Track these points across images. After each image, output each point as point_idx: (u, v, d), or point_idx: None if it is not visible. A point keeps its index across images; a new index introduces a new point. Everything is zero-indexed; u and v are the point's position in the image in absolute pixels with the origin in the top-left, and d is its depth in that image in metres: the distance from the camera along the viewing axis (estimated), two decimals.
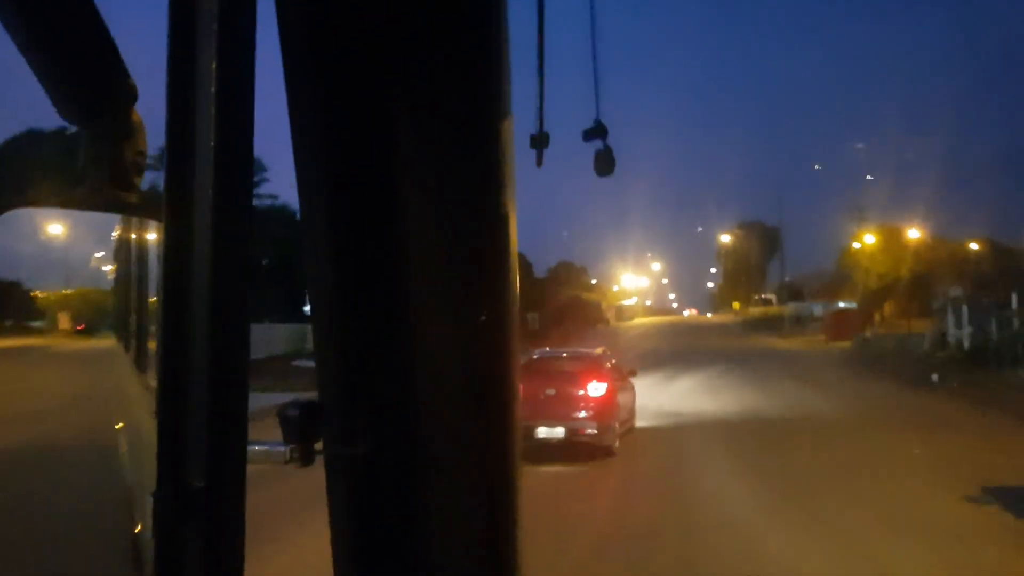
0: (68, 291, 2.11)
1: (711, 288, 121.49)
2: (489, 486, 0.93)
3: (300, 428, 0.83)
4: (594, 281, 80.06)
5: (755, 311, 79.44)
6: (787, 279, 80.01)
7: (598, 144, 1.30)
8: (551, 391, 10.57)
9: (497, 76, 0.88)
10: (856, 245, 48.76)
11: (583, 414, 10.42)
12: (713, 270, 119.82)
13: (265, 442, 0.84)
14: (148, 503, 0.66)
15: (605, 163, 1.31)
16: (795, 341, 43.94)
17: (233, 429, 0.65)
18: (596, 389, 10.73)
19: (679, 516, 7.74)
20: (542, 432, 10.04)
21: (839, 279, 55.37)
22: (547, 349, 13.90)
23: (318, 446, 0.86)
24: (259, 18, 0.69)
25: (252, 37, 0.68)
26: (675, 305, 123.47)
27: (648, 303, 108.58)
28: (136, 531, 1.23)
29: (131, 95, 0.80)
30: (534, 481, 8.63)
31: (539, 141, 1.22)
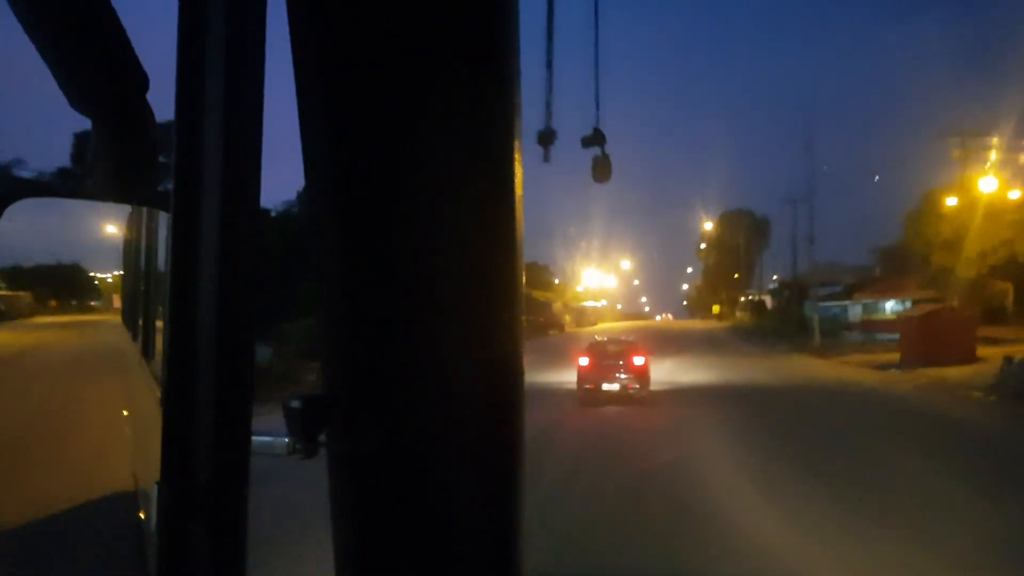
0: (121, 273, 2.22)
1: (687, 290, 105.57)
2: (493, 482, 0.93)
3: (303, 421, 0.84)
4: (557, 281, 70.97)
5: (744, 316, 64.24)
6: (775, 275, 62.18)
7: (596, 151, 1.31)
8: (610, 362, 16.38)
9: (506, 74, 0.88)
10: (950, 202, 29.46)
11: (630, 376, 16.11)
12: (690, 269, 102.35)
13: (269, 434, 0.84)
14: (152, 493, 0.67)
15: (603, 170, 1.32)
16: (846, 365, 25.43)
17: (238, 423, 0.65)
18: (639, 360, 16.36)
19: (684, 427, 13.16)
20: (605, 387, 15.96)
21: (894, 267, 38.50)
22: (602, 338, 19.70)
23: (321, 439, 0.87)
24: (269, 15, 0.69)
25: (262, 33, 0.68)
26: (647, 309, 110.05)
27: (619, 307, 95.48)
28: (140, 520, 1.24)
29: (142, 86, 0.80)
30: (603, 413, 14.98)
31: (546, 138, 1.23)
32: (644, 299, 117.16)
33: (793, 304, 46.89)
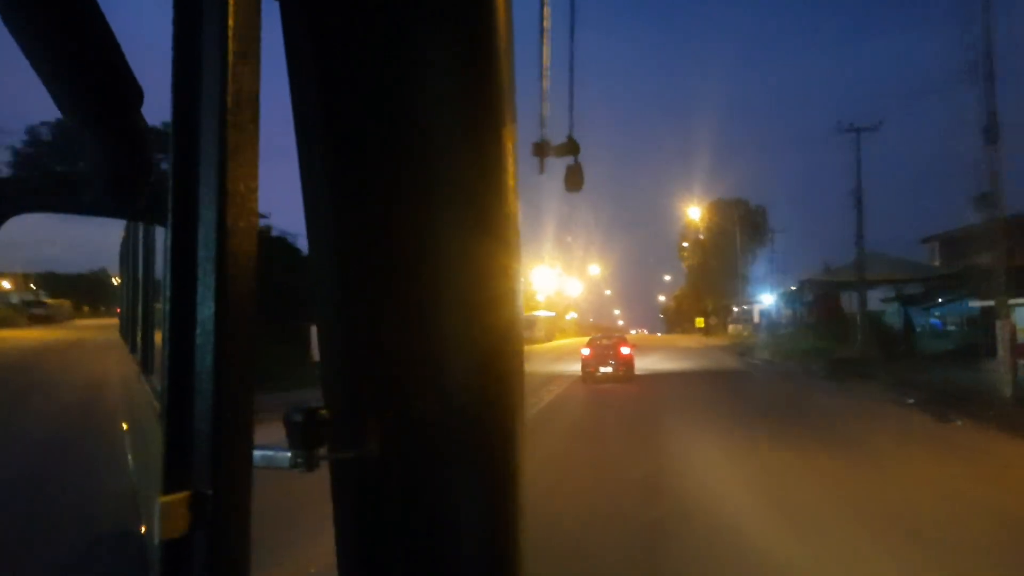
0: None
1: (664, 301, 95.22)
2: (493, 489, 0.93)
3: (305, 433, 0.84)
4: None
5: (742, 330, 51.44)
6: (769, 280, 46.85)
7: (569, 160, 1.32)
8: (605, 352, 22.58)
9: (500, 84, 0.88)
10: None
11: (619, 362, 22.30)
12: (668, 277, 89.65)
13: (270, 447, 0.84)
14: (155, 508, 0.66)
15: (575, 179, 1.33)
16: None
17: (239, 435, 0.65)
18: (625, 350, 22.68)
19: (659, 394, 18.83)
20: (602, 370, 22.20)
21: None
22: (599, 334, 26.94)
23: (322, 451, 0.87)
24: (264, 25, 0.69)
25: (257, 43, 0.68)
26: (621, 322, 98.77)
27: (592, 320, 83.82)
28: (142, 534, 1.24)
29: (137, 98, 0.80)
30: (599, 388, 20.36)
31: (541, 149, 1.23)
32: (617, 311, 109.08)
33: (878, 313, 28.67)
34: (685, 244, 68.43)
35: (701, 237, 63.93)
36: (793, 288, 44.50)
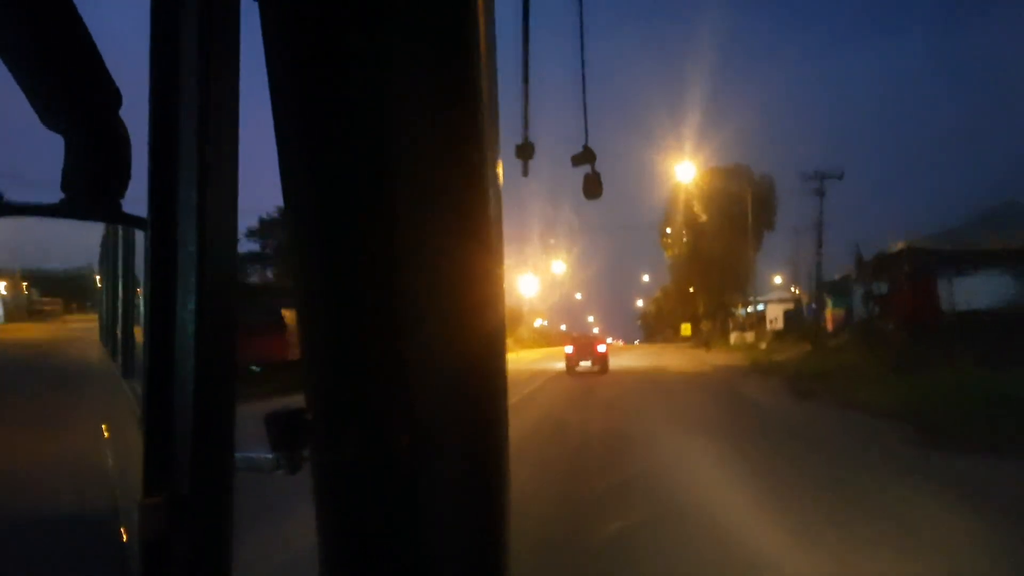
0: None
1: (643, 306, 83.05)
2: (476, 493, 0.93)
3: (287, 435, 0.84)
4: None
5: (758, 338, 35.64)
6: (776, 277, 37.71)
7: (586, 168, 1.34)
8: (585, 349, 26.44)
9: (481, 86, 0.89)
10: None
11: (596, 358, 25.98)
12: (646, 278, 73.01)
13: (252, 449, 0.84)
14: (134, 511, 0.66)
15: (593, 187, 1.35)
16: None
17: (219, 438, 0.65)
18: (601, 348, 26.72)
19: (629, 383, 21.17)
20: (582, 364, 25.88)
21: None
22: (576, 334, 31.64)
23: (304, 453, 0.87)
24: (242, 28, 0.69)
25: (236, 43, 0.68)
26: (596, 330, 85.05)
27: (564, 327, 68.92)
28: (123, 539, 1.23)
29: (115, 102, 0.79)
30: (580, 379, 22.95)
31: (524, 151, 1.24)
32: (592, 318, 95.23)
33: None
34: (669, 230, 48.98)
35: (672, 231, 47.75)
36: (840, 275, 27.04)
